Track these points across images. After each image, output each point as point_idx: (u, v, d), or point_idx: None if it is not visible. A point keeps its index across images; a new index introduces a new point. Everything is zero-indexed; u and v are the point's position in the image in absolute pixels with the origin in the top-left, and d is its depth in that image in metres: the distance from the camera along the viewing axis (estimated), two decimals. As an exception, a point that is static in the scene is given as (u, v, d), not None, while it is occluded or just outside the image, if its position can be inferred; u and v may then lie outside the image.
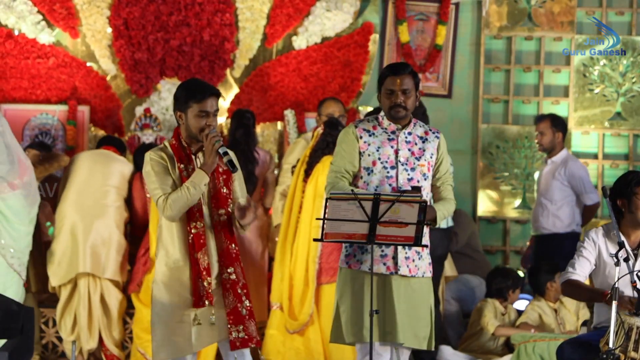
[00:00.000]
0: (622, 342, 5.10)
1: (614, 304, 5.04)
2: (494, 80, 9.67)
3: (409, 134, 5.39)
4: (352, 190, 5.20)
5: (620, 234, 5.41)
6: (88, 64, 9.32)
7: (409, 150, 5.36)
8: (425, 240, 5.33)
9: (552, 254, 8.25)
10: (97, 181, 7.75)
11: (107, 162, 7.86)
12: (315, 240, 5.31)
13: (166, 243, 5.19)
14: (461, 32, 9.63)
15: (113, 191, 7.77)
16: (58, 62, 9.23)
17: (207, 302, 5.10)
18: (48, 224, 8.10)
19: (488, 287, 8.23)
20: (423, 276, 5.38)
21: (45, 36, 9.25)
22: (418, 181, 5.34)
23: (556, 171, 8.35)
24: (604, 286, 5.56)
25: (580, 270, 5.59)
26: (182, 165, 5.16)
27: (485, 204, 9.55)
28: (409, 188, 5.26)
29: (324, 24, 9.38)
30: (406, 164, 5.34)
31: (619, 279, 5.14)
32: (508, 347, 7.99)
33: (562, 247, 8.17)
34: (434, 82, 9.57)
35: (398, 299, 5.28)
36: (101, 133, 9.15)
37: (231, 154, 5.20)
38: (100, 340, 7.82)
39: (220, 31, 9.31)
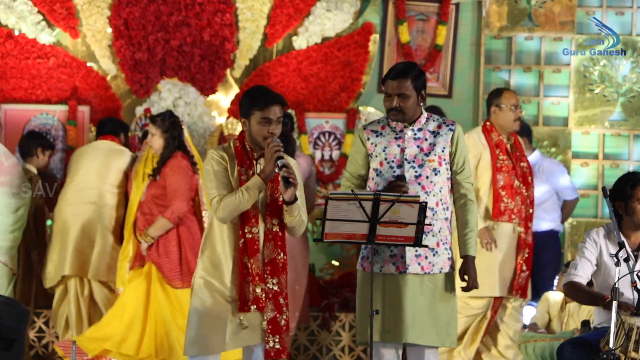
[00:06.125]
0: (622, 342, 5.11)
1: (615, 304, 5.05)
2: (494, 80, 9.66)
3: (419, 130, 5.37)
4: (352, 190, 5.20)
5: (621, 235, 5.41)
6: (88, 64, 9.31)
7: (418, 147, 5.35)
8: (444, 236, 5.34)
9: (536, 252, 8.30)
10: (92, 182, 7.72)
11: (104, 159, 7.81)
12: (315, 240, 5.31)
13: (214, 241, 5.15)
14: (461, 32, 9.62)
15: (109, 190, 7.73)
16: (58, 62, 9.23)
17: (252, 308, 5.07)
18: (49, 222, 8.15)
19: None
20: (440, 272, 5.34)
21: (46, 36, 9.24)
22: (427, 177, 5.31)
23: (533, 170, 8.44)
24: (604, 286, 5.57)
25: (582, 272, 5.59)
26: (242, 169, 5.14)
27: (485, 204, 9.54)
28: (409, 190, 5.26)
29: (324, 24, 9.38)
30: (413, 162, 5.33)
31: (619, 279, 5.14)
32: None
33: (546, 245, 8.23)
34: (434, 82, 9.56)
35: (407, 298, 5.27)
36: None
37: (294, 164, 5.11)
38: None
39: (220, 31, 9.31)
